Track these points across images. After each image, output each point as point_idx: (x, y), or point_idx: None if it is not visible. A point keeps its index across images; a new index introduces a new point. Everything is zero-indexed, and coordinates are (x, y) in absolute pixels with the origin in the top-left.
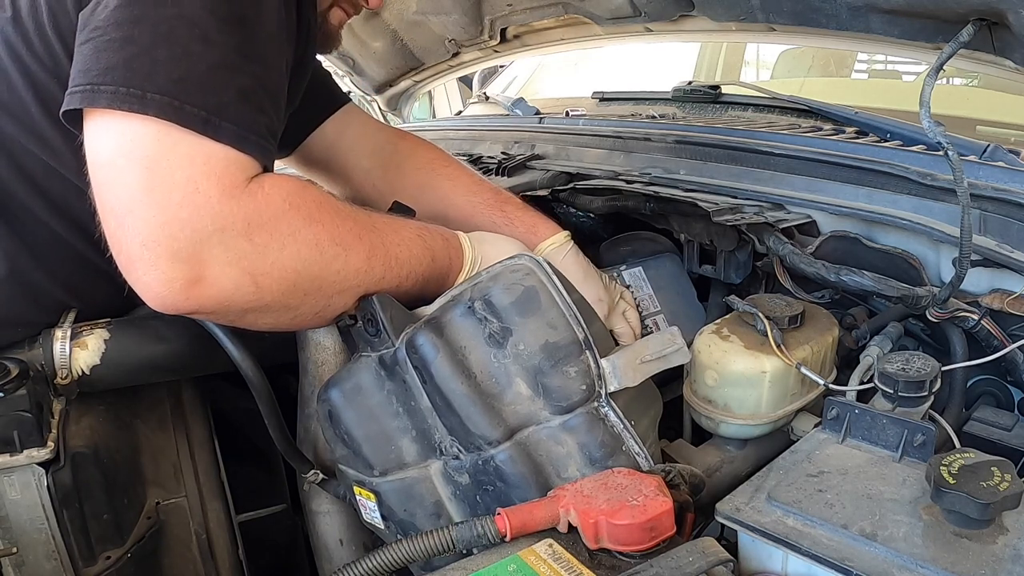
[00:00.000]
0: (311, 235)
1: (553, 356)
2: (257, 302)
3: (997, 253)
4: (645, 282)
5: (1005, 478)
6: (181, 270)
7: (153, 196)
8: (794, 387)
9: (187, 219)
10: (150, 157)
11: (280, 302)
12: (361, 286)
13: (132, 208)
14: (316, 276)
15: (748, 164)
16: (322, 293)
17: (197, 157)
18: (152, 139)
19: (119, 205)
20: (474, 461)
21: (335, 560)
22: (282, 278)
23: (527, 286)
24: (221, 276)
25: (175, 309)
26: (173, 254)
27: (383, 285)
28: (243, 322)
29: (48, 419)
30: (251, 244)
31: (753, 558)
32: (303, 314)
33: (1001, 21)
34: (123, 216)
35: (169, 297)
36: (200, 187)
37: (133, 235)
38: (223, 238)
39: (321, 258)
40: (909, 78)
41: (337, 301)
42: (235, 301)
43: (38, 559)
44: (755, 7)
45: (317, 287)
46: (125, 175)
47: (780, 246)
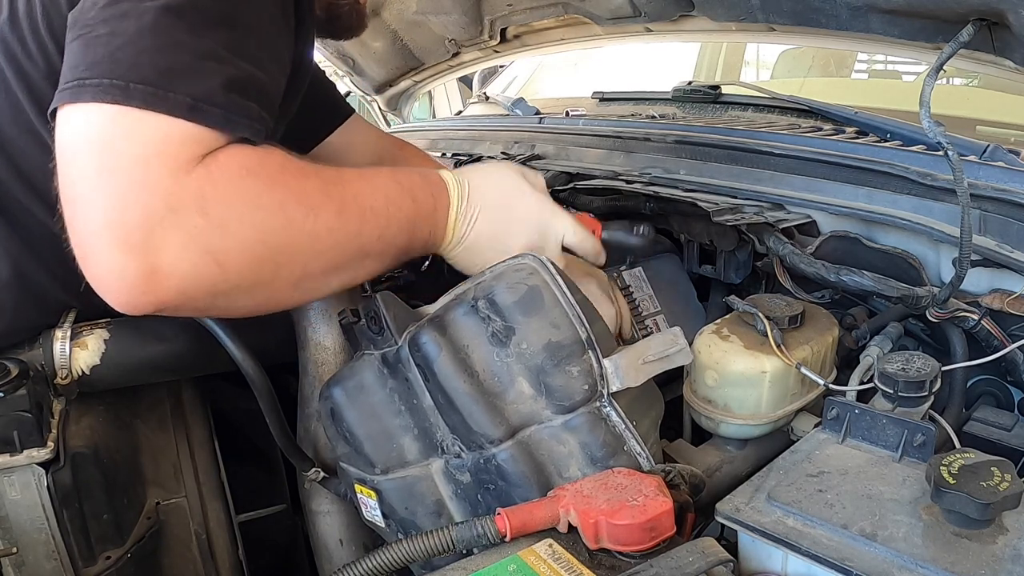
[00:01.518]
0: (273, 200)
1: (556, 355)
2: (223, 283)
3: (997, 253)
4: (645, 282)
5: (1005, 478)
6: (134, 262)
7: (103, 179)
8: (794, 387)
9: (136, 201)
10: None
11: (250, 280)
12: (338, 245)
13: (84, 193)
14: (285, 244)
15: (748, 164)
16: (296, 262)
17: (154, 136)
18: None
19: (71, 191)
20: (476, 460)
21: (335, 560)
22: (247, 252)
23: (530, 285)
24: (178, 261)
25: (134, 307)
26: (124, 242)
27: (363, 239)
28: (215, 309)
29: (48, 419)
30: (207, 220)
31: (753, 558)
32: (280, 289)
33: (1001, 21)
34: (75, 202)
35: (125, 294)
36: (151, 165)
37: (84, 223)
38: (176, 219)
39: (288, 223)
40: (909, 78)
41: (315, 267)
42: (199, 287)
43: (38, 559)
44: (755, 7)
45: (288, 256)
46: (79, 159)
47: (780, 246)
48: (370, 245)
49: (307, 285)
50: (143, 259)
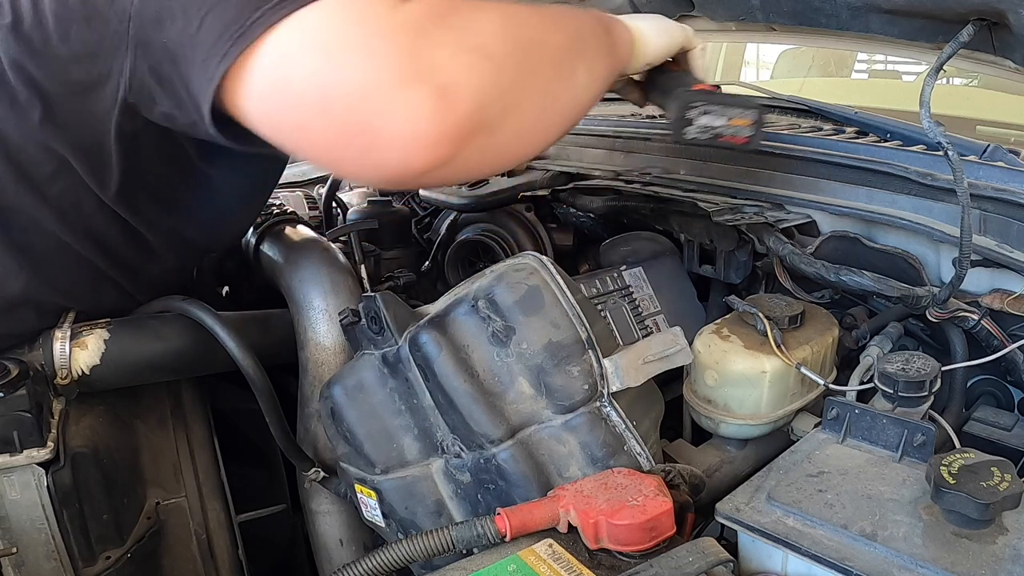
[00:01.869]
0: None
1: (556, 355)
2: (501, 78)
3: (997, 253)
4: (645, 282)
5: (1005, 478)
6: (420, 90)
7: (342, 53)
8: (794, 387)
9: (386, 44)
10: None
11: (521, 67)
12: (567, 25)
13: (333, 79)
14: (519, 26)
15: (748, 164)
16: (544, 42)
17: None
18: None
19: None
20: (476, 460)
21: (335, 560)
22: (502, 38)
23: (531, 285)
24: (456, 70)
25: (443, 142)
26: (400, 81)
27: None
28: (508, 123)
29: (48, 419)
30: (452, 29)
31: (753, 558)
32: (548, 77)
33: (1001, 21)
34: (330, 95)
35: (432, 128)
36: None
37: (349, 99)
38: (429, 38)
39: (509, 12)
40: (909, 78)
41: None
42: (484, 88)
43: (38, 559)
44: (755, 7)
45: (530, 33)
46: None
47: (780, 246)
48: (583, 34)
49: (563, 72)
50: (428, 84)
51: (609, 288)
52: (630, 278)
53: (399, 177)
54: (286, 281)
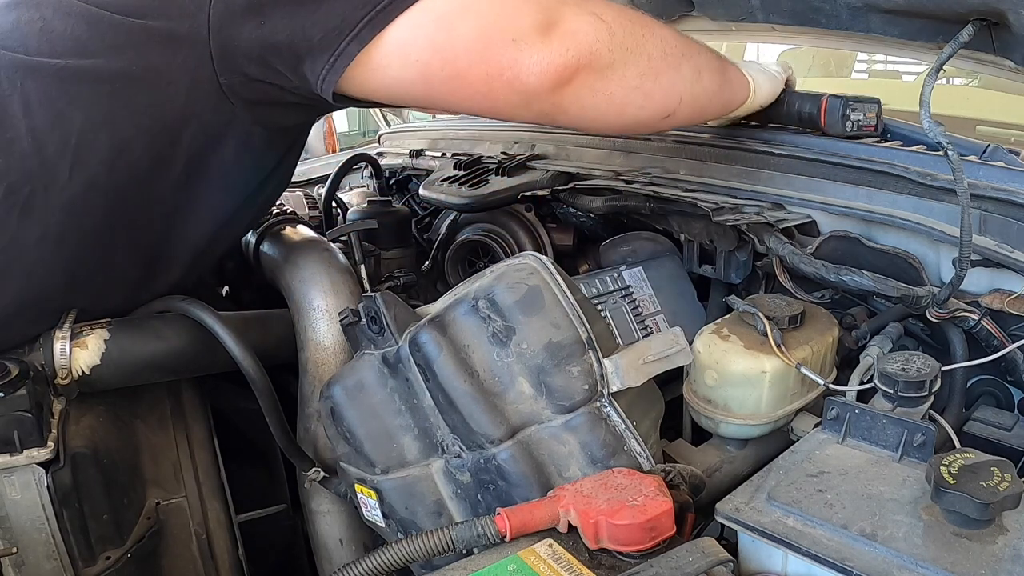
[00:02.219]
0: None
1: (556, 355)
2: (612, 37)
3: (997, 253)
4: (645, 282)
5: (1005, 478)
6: (551, 34)
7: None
8: (794, 387)
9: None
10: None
11: (628, 35)
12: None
13: (487, 35)
14: (630, 12)
15: (748, 164)
16: (646, 26)
17: None
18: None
19: (488, 32)
20: (476, 460)
21: (335, 560)
22: (615, 13)
23: (531, 285)
24: (577, 21)
25: (563, 70)
26: (537, 28)
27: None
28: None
29: (48, 419)
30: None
31: (753, 558)
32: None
33: (1001, 21)
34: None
35: (558, 59)
36: None
37: (503, 46)
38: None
39: (627, 8)
40: (909, 78)
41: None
42: (598, 38)
43: (38, 559)
44: (755, 7)
45: (640, 19)
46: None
47: (780, 246)
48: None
49: (669, 60)
50: (558, 31)
51: (609, 288)
52: (630, 278)
53: (532, 96)
54: (286, 281)
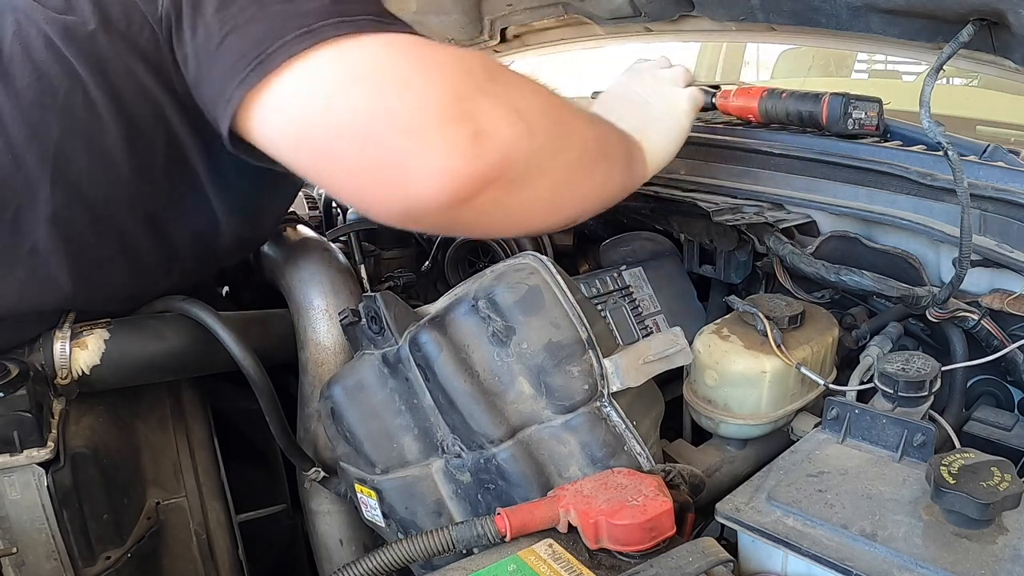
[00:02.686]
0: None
1: (556, 355)
2: (532, 142)
3: (997, 253)
4: (645, 282)
5: (1005, 478)
6: (459, 130)
7: (385, 85)
8: (794, 387)
9: (431, 82)
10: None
11: (552, 139)
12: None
13: (384, 106)
14: (558, 108)
15: (748, 164)
16: (576, 131)
17: (392, 41)
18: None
19: (365, 115)
20: (476, 460)
21: (335, 560)
22: (542, 110)
23: (531, 285)
24: (494, 119)
25: (465, 184)
26: (441, 118)
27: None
28: (524, 188)
29: (48, 419)
30: (502, 85)
31: (753, 558)
32: (570, 159)
33: (1001, 21)
34: (374, 121)
35: (460, 168)
36: (415, 55)
37: (388, 132)
38: (478, 87)
39: (549, 94)
40: (909, 78)
41: (590, 139)
42: (516, 143)
43: (38, 559)
44: (755, 7)
45: (566, 117)
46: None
47: (780, 246)
48: (609, 140)
49: (585, 165)
50: (467, 126)
51: (609, 288)
52: (630, 278)
53: (418, 210)
54: (286, 281)
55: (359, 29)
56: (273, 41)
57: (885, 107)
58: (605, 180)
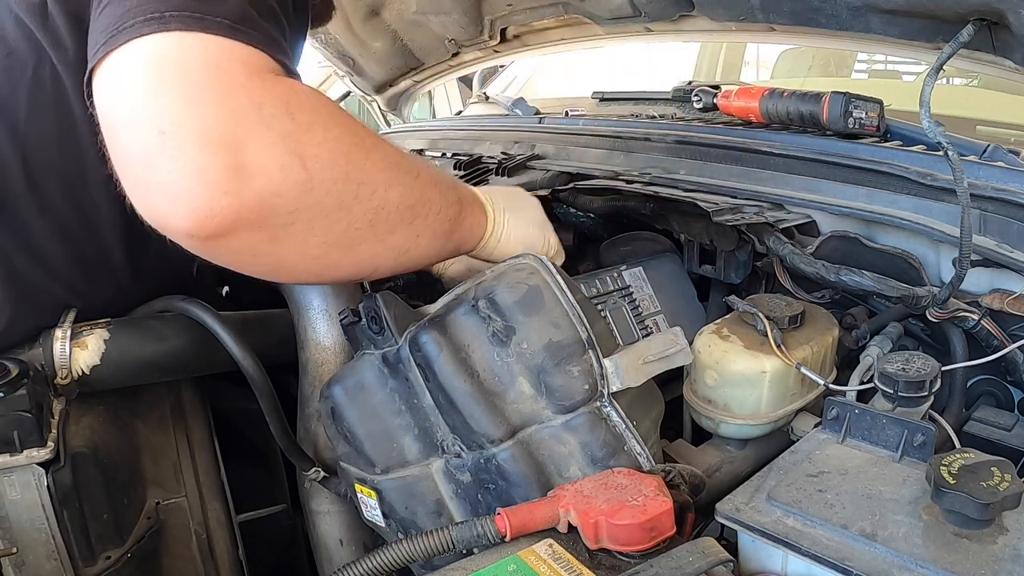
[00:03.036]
0: (352, 123)
1: (556, 355)
2: (307, 195)
3: (997, 253)
4: (645, 282)
5: (1005, 478)
6: (219, 158)
7: (172, 83)
8: (794, 387)
9: (215, 96)
10: (163, 55)
11: (333, 197)
12: (405, 184)
13: (145, 102)
14: (364, 166)
15: (748, 164)
16: (373, 192)
17: (220, 49)
18: (170, 42)
19: (127, 104)
20: (476, 459)
21: (335, 560)
22: (332, 162)
23: (531, 285)
24: (266, 159)
25: (210, 216)
26: (203, 135)
27: (423, 192)
28: (289, 240)
29: (48, 419)
30: (294, 123)
31: (753, 558)
32: (355, 223)
33: (1001, 21)
34: (135, 114)
35: (204, 197)
36: (224, 68)
37: (148, 128)
38: (263, 116)
39: (363, 144)
40: (909, 78)
41: (389, 202)
42: (284, 193)
43: (38, 559)
44: (755, 7)
45: (368, 174)
46: (137, 75)
47: (780, 246)
48: (427, 205)
49: (377, 229)
50: (228, 155)
51: (609, 288)
52: (630, 278)
53: (163, 226)
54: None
55: (185, 27)
56: (126, 20)
57: (885, 107)
58: (409, 243)
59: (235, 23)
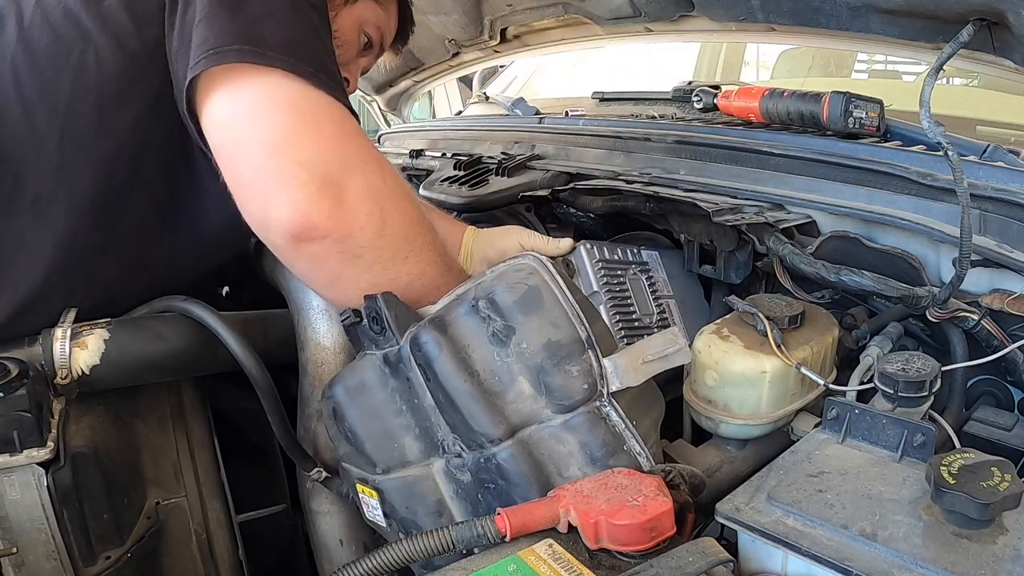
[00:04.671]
0: (415, 200)
1: (555, 355)
2: (378, 238)
3: (997, 253)
4: (660, 266)
5: (1005, 478)
6: (329, 191)
7: (306, 129)
8: (794, 387)
9: (337, 150)
10: (294, 101)
11: (393, 248)
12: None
13: (287, 137)
14: (421, 232)
15: (748, 164)
16: (423, 247)
17: (331, 105)
18: (289, 86)
19: (271, 136)
20: (476, 459)
21: (335, 560)
22: (401, 223)
23: (530, 285)
24: (359, 202)
25: (311, 230)
26: (324, 177)
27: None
28: (353, 267)
29: (48, 419)
30: (384, 184)
31: (753, 558)
32: (401, 276)
33: (1001, 21)
34: (277, 145)
35: (314, 215)
36: (344, 126)
37: (288, 160)
38: (364, 171)
39: (422, 221)
40: (909, 78)
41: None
42: (365, 230)
43: (38, 559)
44: (755, 7)
45: (424, 241)
46: (276, 114)
47: (780, 246)
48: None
49: (410, 290)
50: (337, 192)
51: (629, 259)
52: (647, 257)
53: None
54: (286, 281)
55: (316, 83)
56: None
57: (885, 107)
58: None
59: (331, 78)
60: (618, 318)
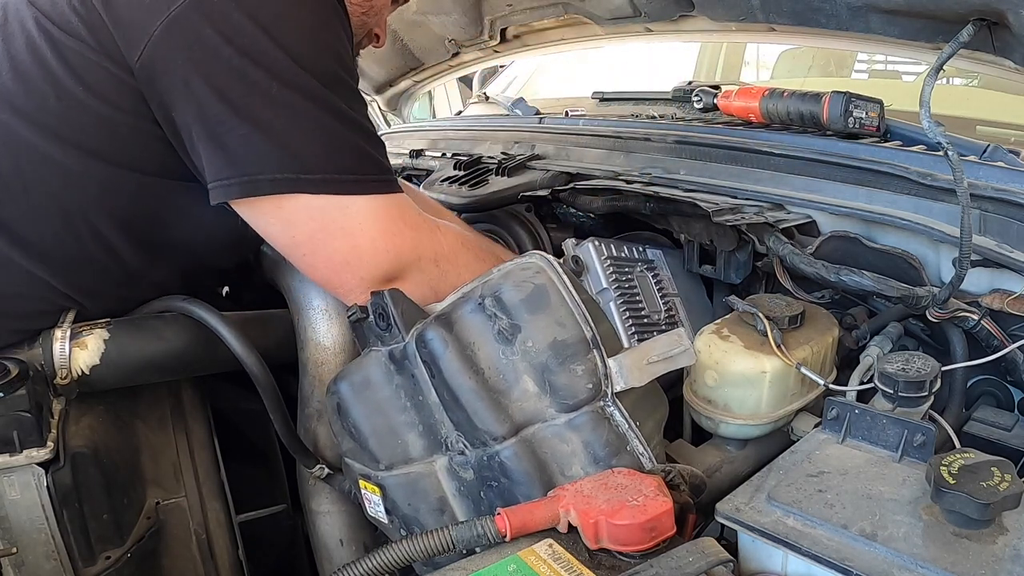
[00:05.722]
0: (478, 269)
1: (561, 354)
2: (432, 274)
3: (997, 253)
4: (664, 264)
5: (1005, 478)
6: (391, 280)
7: (363, 252)
8: (794, 387)
9: (393, 256)
10: (344, 225)
11: (448, 279)
12: None
13: (348, 262)
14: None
15: (748, 164)
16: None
17: (378, 211)
18: (334, 209)
19: (333, 263)
20: (479, 457)
21: (335, 560)
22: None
23: (537, 284)
24: (415, 288)
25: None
26: (384, 276)
27: None
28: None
29: (48, 419)
30: (439, 270)
31: (753, 558)
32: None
33: (1001, 21)
34: (339, 271)
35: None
36: (395, 231)
37: (351, 280)
38: (420, 265)
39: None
40: (909, 78)
41: None
42: (426, 299)
43: (38, 559)
44: (755, 7)
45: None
46: (331, 243)
47: (780, 246)
48: None
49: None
50: (396, 283)
51: (635, 256)
52: (652, 255)
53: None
54: (286, 281)
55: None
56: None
57: (885, 107)
58: None
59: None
60: (628, 315)
